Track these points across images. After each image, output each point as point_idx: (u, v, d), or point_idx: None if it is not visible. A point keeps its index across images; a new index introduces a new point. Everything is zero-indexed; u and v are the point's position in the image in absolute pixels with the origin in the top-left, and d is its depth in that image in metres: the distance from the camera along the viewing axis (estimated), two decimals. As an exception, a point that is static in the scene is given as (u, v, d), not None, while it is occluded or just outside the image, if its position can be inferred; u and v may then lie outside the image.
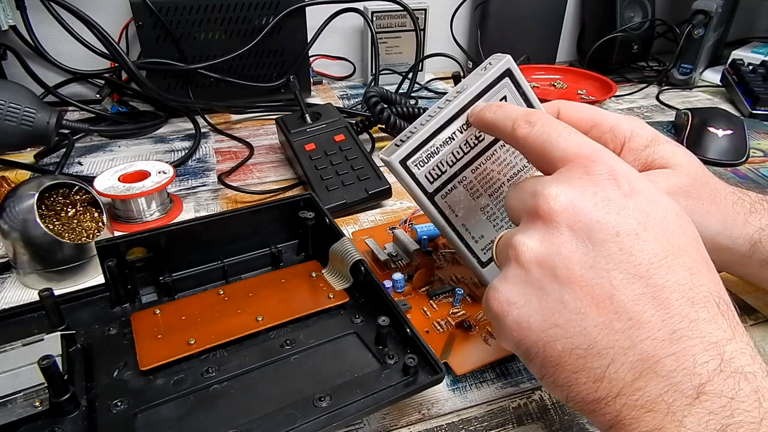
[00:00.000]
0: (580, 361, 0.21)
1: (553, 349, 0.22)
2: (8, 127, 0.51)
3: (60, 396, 0.26)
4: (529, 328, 0.22)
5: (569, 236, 0.22)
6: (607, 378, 0.20)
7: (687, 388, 0.19)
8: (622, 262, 0.21)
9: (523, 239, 0.23)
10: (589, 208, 0.22)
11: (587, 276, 0.21)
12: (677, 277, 0.20)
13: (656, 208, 0.22)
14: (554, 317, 0.22)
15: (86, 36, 0.63)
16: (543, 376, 0.23)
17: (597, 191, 0.22)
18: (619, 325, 0.20)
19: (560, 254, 0.22)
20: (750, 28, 1.04)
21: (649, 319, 0.20)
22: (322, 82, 0.88)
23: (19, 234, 0.38)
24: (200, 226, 0.35)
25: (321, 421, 0.26)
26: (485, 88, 0.31)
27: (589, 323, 0.21)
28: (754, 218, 0.33)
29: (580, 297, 0.21)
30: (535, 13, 0.89)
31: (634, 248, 0.21)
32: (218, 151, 0.63)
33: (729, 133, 0.61)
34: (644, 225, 0.21)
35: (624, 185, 0.22)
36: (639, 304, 0.20)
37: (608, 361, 0.20)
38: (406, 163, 0.31)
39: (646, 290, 0.20)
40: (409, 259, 0.41)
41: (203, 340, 0.31)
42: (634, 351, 0.20)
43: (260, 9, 0.69)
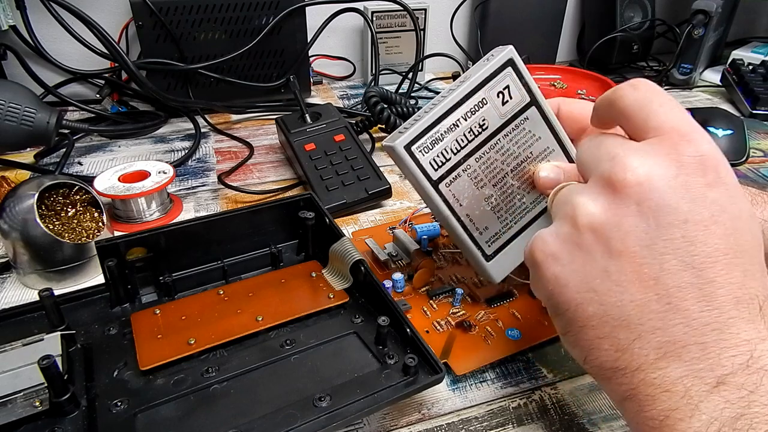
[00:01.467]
0: (607, 329, 0.21)
1: (585, 311, 0.22)
2: (8, 127, 0.51)
3: (60, 396, 0.26)
4: (567, 286, 0.23)
5: (635, 211, 0.21)
6: (630, 350, 0.20)
7: (708, 376, 0.19)
8: (680, 249, 0.21)
9: (587, 201, 0.23)
10: (665, 189, 0.21)
11: (640, 254, 0.21)
12: (731, 276, 0.20)
13: (733, 205, 0.21)
14: (594, 283, 0.22)
15: (86, 36, 0.63)
16: (566, 332, 0.23)
17: (679, 174, 0.21)
18: (656, 306, 0.20)
19: (620, 227, 0.21)
20: (750, 28, 1.04)
21: (687, 307, 0.20)
22: (322, 82, 0.88)
23: (19, 234, 0.38)
24: (200, 226, 0.35)
25: (321, 421, 0.26)
26: (488, 77, 0.31)
27: (627, 297, 0.21)
28: (757, 210, 0.32)
29: (626, 272, 0.21)
30: (535, 13, 0.89)
31: (698, 238, 0.20)
32: (218, 151, 0.63)
33: (729, 133, 0.61)
34: (716, 219, 0.21)
35: (710, 173, 0.21)
36: (683, 292, 0.20)
37: (635, 336, 0.21)
38: (410, 148, 0.31)
39: (695, 281, 0.20)
40: (409, 259, 0.41)
41: (203, 340, 0.31)
42: (664, 333, 0.20)
43: (260, 9, 0.69)
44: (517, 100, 0.33)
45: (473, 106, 0.31)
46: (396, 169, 0.59)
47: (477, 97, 0.31)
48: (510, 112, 0.33)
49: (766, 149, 0.65)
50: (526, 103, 0.33)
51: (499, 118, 0.32)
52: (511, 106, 0.32)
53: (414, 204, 0.52)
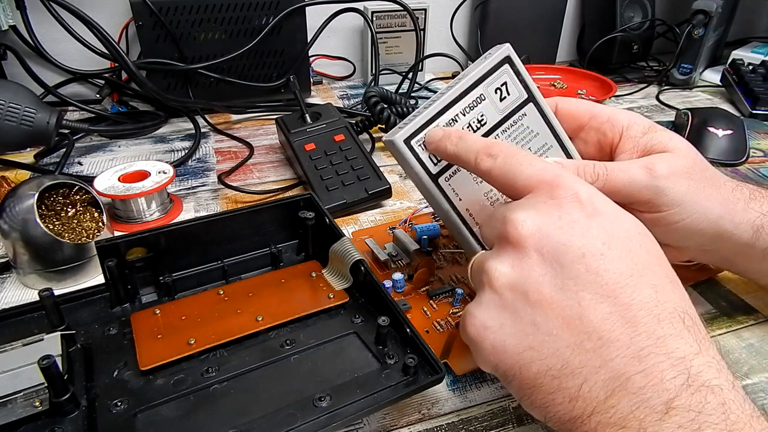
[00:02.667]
0: (555, 382, 0.21)
1: (529, 371, 0.22)
2: (8, 127, 0.51)
3: (60, 396, 0.26)
4: (505, 352, 0.23)
5: (538, 260, 0.23)
6: (582, 397, 0.21)
7: (656, 404, 0.19)
8: (590, 283, 0.21)
9: (495, 265, 0.24)
10: (555, 231, 0.23)
11: (557, 298, 0.22)
12: (642, 295, 0.21)
13: (619, 228, 0.23)
14: (528, 339, 0.22)
15: (86, 36, 0.63)
16: (521, 397, 0.24)
17: (562, 214, 0.23)
18: (590, 345, 0.21)
19: (530, 278, 0.23)
20: (750, 28, 1.04)
21: (618, 337, 0.21)
22: (322, 82, 0.88)
23: (19, 234, 0.38)
24: (200, 226, 0.35)
25: (321, 421, 0.26)
26: (486, 74, 0.32)
27: (562, 344, 0.21)
28: (755, 204, 0.32)
29: (552, 318, 0.22)
30: (535, 13, 0.89)
31: (600, 268, 0.22)
32: (218, 151, 0.63)
33: (729, 133, 0.61)
34: (609, 245, 0.22)
35: (587, 206, 0.23)
36: (608, 323, 0.21)
37: (581, 381, 0.21)
38: (410, 142, 0.31)
39: (614, 309, 0.21)
40: (409, 259, 0.41)
41: (203, 340, 0.31)
42: (605, 369, 0.20)
43: (260, 9, 0.69)
44: (515, 97, 0.33)
45: (471, 102, 0.32)
46: (396, 169, 0.59)
47: (475, 92, 0.32)
48: (508, 108, 0.33)
49: (766, 149, 0.65)
50: (524, 99, 0.33)
51: (497, 113, 0.33)
52: (509, 102, 0.33)
53: (414, 204, 0.52)
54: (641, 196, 0.30)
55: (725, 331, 0.37)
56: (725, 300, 0.39)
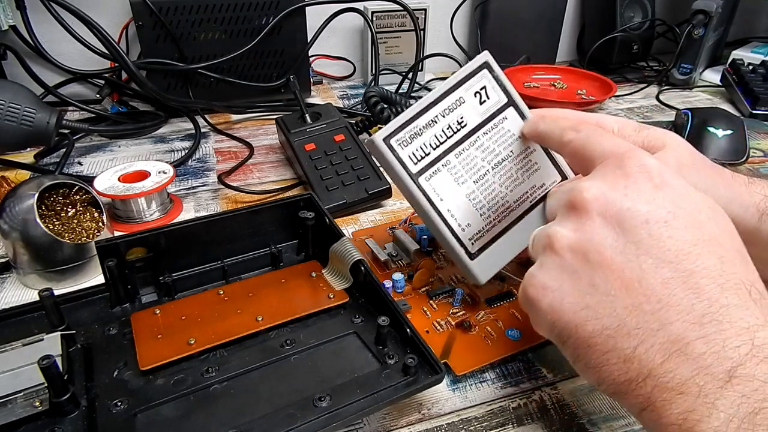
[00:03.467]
0: (610, 342, 0.21)
1: (584, 330, 0.22)
2: (8, 127, 0.51)
3: (60, 396, 0.26)
4: (562, 310, 0.23)
5: (601, 223, 0.23)
6: (637, 358, 0.21)
7: (718, 371, 0.19)
8: (651, 247, 0.21)
9: (558, 228, 0.25)
10: (619, 197, 0.23)
11: (617, 260, 0.22)
12: (706, 264, 0.21)
13: (687, 200, 0.23)
14: (585, 299, 0.22)
15: (86, 36, 0.63)
16: (576, 358, 0.24)
17: (628, 183, 0.23)
18: (648, 307, 0.21)
19: (592, 240, 0.23)
20: (750, 28, 1.04)
21: (678, 302, 0.20)
22: (322, 82, 0.88)
23: (19, 234, 0.38)
24: (200, 226, 0.35)
25: (321, 421, 0.26)
26: (464, 78, 0.33)
27: (619, 304, 0.21)
28: (756, 188, 0.33)
29: (611, 280, 0.22)
30: (535, 13, 0.89)
31: (663, 235, 0.22)
32: (218, 151, 0.63)
33: (729, 133, 0.61)
34: (674, 214, 0.22)
35: (656, 178, 0.23)
36: (668, 288, 0.21)
37: (637, 342, 0.21)
38: (389, 141, 0.32)
39: (675, 275, 0.21)
40: (409, 259, 0.41)
41: (203, 340, 0.31)
42: (664, 332, 0.20)
43: (260, 9, 0.69)
44: (495, 100, 0.34)
45: (451, 104, 0.33)
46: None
47: (454, 95, 0.33)
48: (488, 111, 0.34)
49: (766, 149, 0.65)
50: (504, 103, 0.34)
51: (477, 116, 0.34)
52: (489, 105, 0.34)
53: (414, 204, 0.52)
54: None
55: (725, 331, 0.37)
56: (725, 300, 0.39)
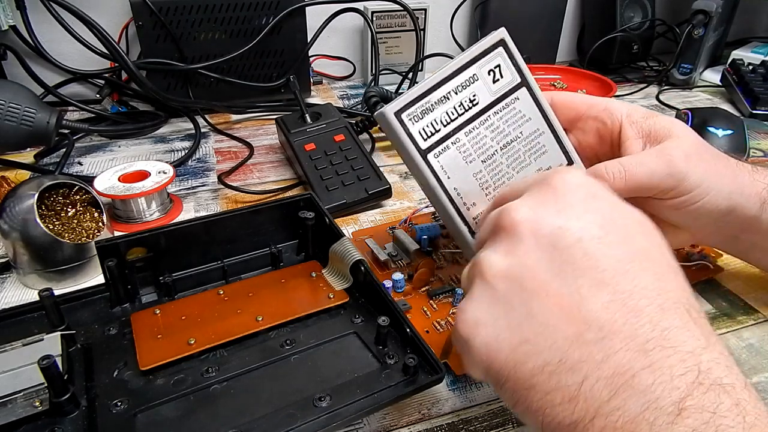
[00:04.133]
0: (553, 379, 0.19)
1: (524, 369, 0.20)
2: (8, 127, 0.51)
3: (60, 396, 0.26)
4: (499, 349, 0.21)
5: (533, 245, 0.22)
6: (582, 396, 0.19)
7: (667, 404, 0.18)
8: (588, 268, 0.20)
9: (488, 254, 0.23)
10: (551, 215, 0.22)
11: (554, 285, 0.20)
12: (644, 283, 0.20)
13: (617, 213, 0.22)
14: (523, 331, 0.21)
15: (86, 36, 0.63)
16: (516, 402, 0.21)
17: (557, 200, 0.22)
18: (590, 336, 0.19)
19: (526, 264, 0.21)
20: (750, 28, 1.04)
21: (620, 328, 0.19)
22: (322, 82, 0.88)
23: (19, 234, 0.38)
24: (200, 226, 0.35)
25: (321, 421, 0.26)
26: (479, 54, 0.33)
27: (560, 335, 0.20)
28: (759, 176, 0.33)
29: (549, 306, 0.20)
30: (535, 13, 0.89)
31: (598, 253, 0.20)
32: (218, 151, 0.63)
33: (729, 133, 0.61)
34: (606, 229, 0.21)
35: (581, 191, 0.23)
36: (609, 312, 0.19)
37: (582, 377, 0.19)
38: (400, 115, 0.31)
39: (615, 297, 0.20)
40: (409, 259, 0.41)
41: (203, 340, 0.31)
42: (608, 364, 0.19)
43: (260, 9, 0.69)
44: (508, 80, 0.34)
45: (464, 81, 0.32)
46: (396, 168, 0.59)
47: (468, 72, 0.32)
48: (501, 90, 0.33)
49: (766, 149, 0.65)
50: (517, 83, 0.34)
51: (489, 95, 0.33)
52: (502, 84, 0.33)
53: (414, 204, 0.52)
54: (665, 184, 0.31)
55: (725, 331, 0.37)
56: (725, 300, 0.39)
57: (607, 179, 0.31)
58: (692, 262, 0.41)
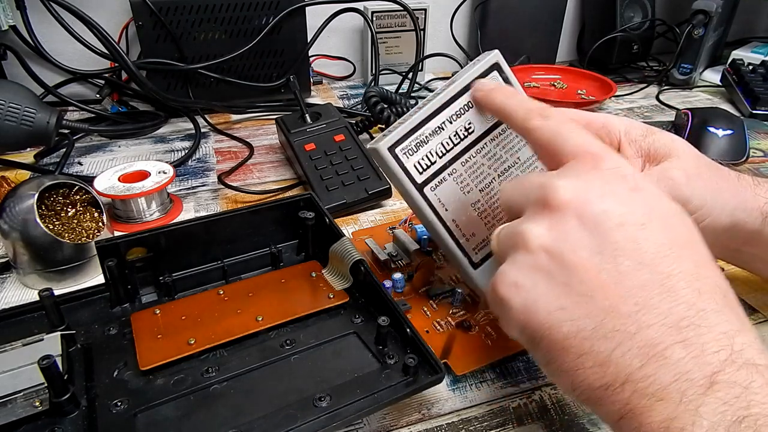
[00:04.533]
0: (586, 344, 0.21)
1: (559, 332, 0.21)
2: (8, 127, 0.51)
3: (60, 396, 0.26)
4: (536, 311, 0.22)
5: (577, 224, 0.22)
6: (614, 362, 0.20)
7: (698, 377, 0.19)
8: (628, 250, 0.21)
9: (531, 227, 0.24)
10: (596, 199, 0.22)
11: (594, 261, 0.21)
12: (683, 267, 0.21)
13: (660, 204, 0.23)
14: (560, 300, 0.22)
15: (86, 36, 0.63)
16: (548, 361, 0.22)
17: (604, 184, 0.23)
18: (625, 309, 0.20)
19: (568, 241, 0.22)
20: (750, 28, 1.04)
21: (656, 305, 0.20)
22: (322, 82, 0.88)
23: (19, 234, 0.38)
24: (200, 226, 0.35)
25: (321, 421, 0.26)
26: (473, 81, 0.32)
27: (595, 306, 0.21)
28: (761, 190, 0.33)
29: (587, 281, 0.21)
30: (535, 13, 0.89)
31: (640, 238, 0.21)
32: (218, 151, 0.63)
33: (729, 133, 0.61)
34: (650, 217, 0.22)
35: (630, 181, 0.23)
36: (646, 290, 0.20)
37: (614, 345, 0.20)
38: (394, 150, 0.31)
39: (653, 277, 0.20)
40: (409, 259, 0.41)
41: (203, 340, 0.31)
42: (641, 336, 0.20)
43: (260, 9, 0.69)
44: None
45: (458, 110, 0.32)
46: (396, 169, 0.59)
47: (462, 100, 0.32)
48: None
49: (766, 149, 0.65)
50: None
51: (484, 122, 0.32)
52: None
53: (414, 204, 0.52)
54: None
55: (725, 331, 0.37)
56: (725, 300, 0.39)
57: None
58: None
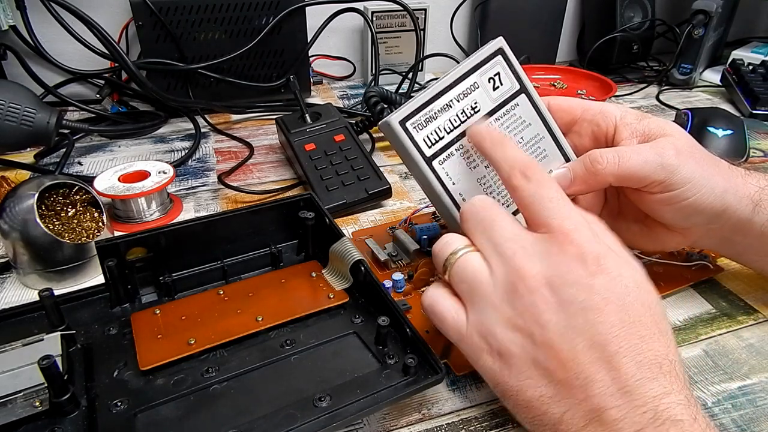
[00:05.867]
0: (545, 406, 0.25)
1: (525, 395, 0.26)
2: (8, 127, 0.51)
3: (60, 396, 0.26)
4: (509, 375, 0.26)
5: (545, 308, 0.25)
6: (565, 422, 0.24)
7: None
8: (586, 332, 0.25)
9: (504, 307, 0.26)
10: (562, 286, 0.25)
11: (557, 342, 0.25)
12: (629, 344, 0.24)
13: (618, 285, 0.25)
14: (530, 371, 0.25)
15: (86, 36, 0.63)
16: (514, 411, 0.27)
17: (570, 270, 0.26)
18: (577, 382, 0.24)
19: (539, 322, 0.25)
20: (750, 28, 1.04)
21: (601, 378, 0.24)
22: (322, 82, 0.88)
23: (19, 234, 0.38)
24: (200, 226, 0.35)
25: (321, 421, 0.26)
26: (479, 63, 0.34)
27: (554, 378, 0.25)
28: (752, 179, 0.34)
29: (551, 359, 0.25)
30: (535, 13, 0.89)
31: (596, 321, 0.25)
32: (218, 151, 0.63)
33: (729, 133, 0.61)
34: (607, 300, 0.25)
35: (591, 265, 0.25)
36: (594, 367, 0.24)
37: (565, 408, 0.24)
38: (404, 124, 0.32)
39: (602, 356, 0.24)
40: (409, 259, 0.41)
41: (203, 340, 0.31)
42: (587, 402, 0.24)
43: (260, 9, 0.69)
44: (508, 87, 0.34)
45: (465, 89, 0.33)
46: (396, 168, 0.59)
47: (469, 80, 0.33)
48: (501, 97, 0.34)
49: (766, 149, 0.65)
50: (516, 90, 0.35)
51: (490, 102, 0.34)
52: (502, 91, 0.34)
53: (414, 204, 0.52)
54: (657, 176, 0.32)
55: (725, 331, 0.37)
56: (725, 300, 0.39)
57: (601, 163, 0.32)
58: (692, 262, 0.41)
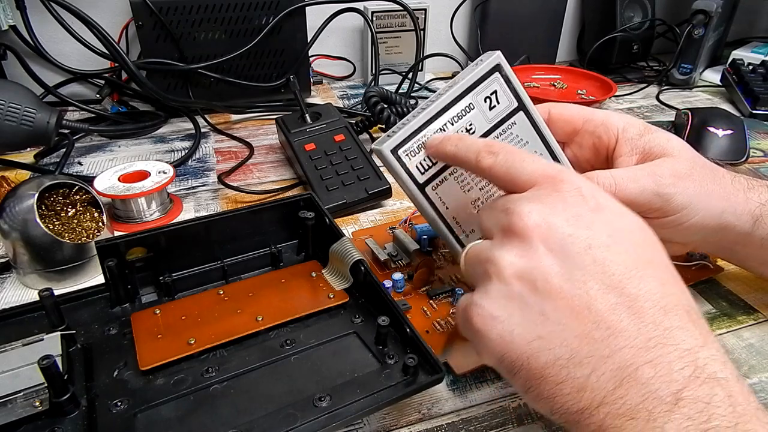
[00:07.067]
0: (563, 372, 0.21)
1: (537, 362, 0.22)
2: (8, 127, 0.51)
3: (60, 396, 0.26)
4: (513, 342, 0.23)
5: (545, 251, 0.23)
6: (590, 387, 0.21)
7: (665, 395, 0.20)
8: (596, 273, 0.22)
9: (503, 254, 0.24)
10: (560, 223, 0.23)
11: (565, 288, 0.22)
12: (648, 287, 0.21)
13: (623, 222, 0.23)
14: (537, 329, 0.22)
15: (86, 36, 0.63)
16: (528, 389, 0.23)
17: (567, 207, 0.23)
18: (598, 335, 0.21)
19: (538, 268, 0.23)
20: (750, 28, 1.04)
21: (625, 327, 0.21)
22: (322, 82, 0.88)
23: (19, 234, 0.38)
24: (200, 226, 0.35)
25: (321, 421, 0.26)
26: (475, 83, 0.32)
27: (570, 334, 0.21)
28: (753, 194, 0.33)
29: (560, 308, 0.22)
30: (535, 13, 0.89)
31: (606, 259, 0.22)
32: (218, 151, 0.63)
33: (729, 133, 0.61)
34: (614, 237, 0.23)
35: (591, 201, 0.24)
36: (615, 314, 0.21)
37: (589, 370, 0.21)
38: (397, 152, 0.31)
39: (621, 300, 0.21)
40: (409, 259, 0.41)
41: (203, 340, 0.31)
42: (614, 359, 0.21)
43: (260, 9, 0.69)
44: (505, 105, 0.33)
45: (460, 111, 0.32)
46: (396, 169, 0.59)
47: (464, 102, 0.32)
48: (497, 116, 0.33)
49: (766, 149, 0.65)
50: (514, 107, 0.33)
51: (485, 122, 0.33)
52: (499, 110, 0.33)
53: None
54: (652, 204, 0.31)
55: (725, 331, 0.37)
56: (725, 300, 0.39)
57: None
58: (692, 262, 0.41)
